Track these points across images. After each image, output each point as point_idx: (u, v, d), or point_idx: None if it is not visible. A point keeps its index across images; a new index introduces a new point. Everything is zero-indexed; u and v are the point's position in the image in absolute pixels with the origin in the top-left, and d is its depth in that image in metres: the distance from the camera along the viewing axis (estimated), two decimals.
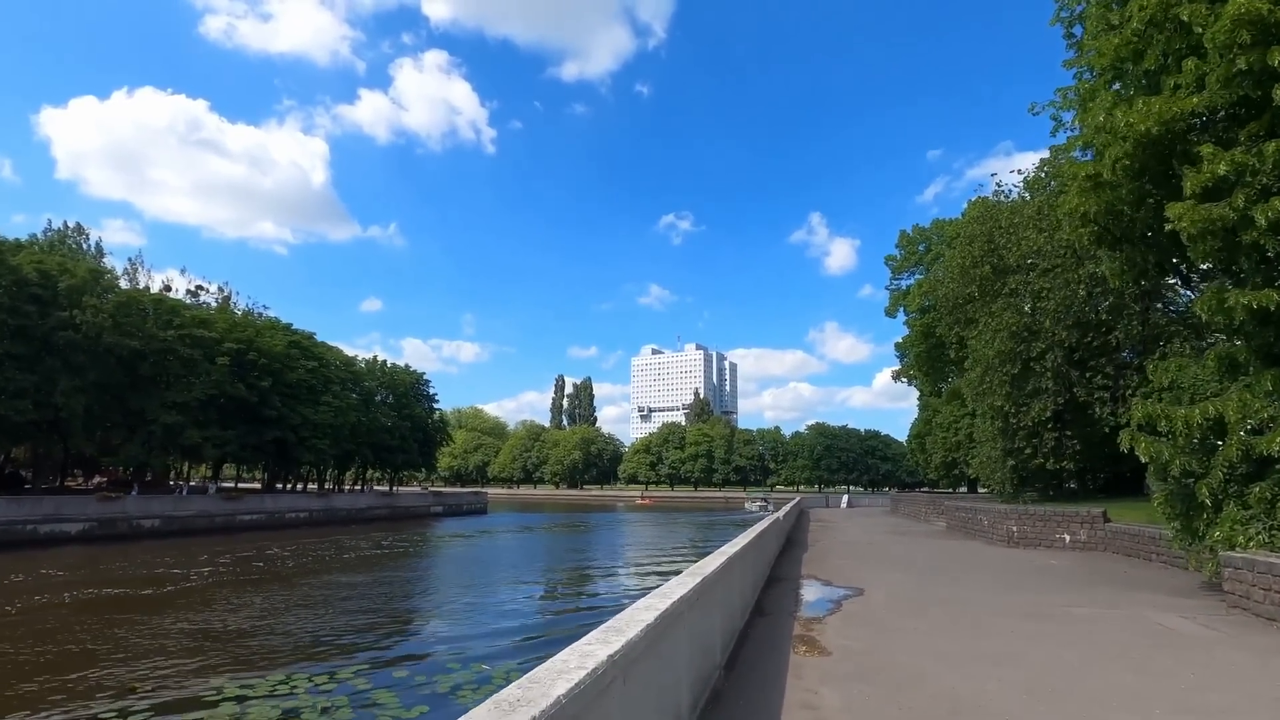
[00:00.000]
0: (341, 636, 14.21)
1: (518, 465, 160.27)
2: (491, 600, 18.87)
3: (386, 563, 28.43)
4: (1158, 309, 22.74)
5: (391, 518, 65.11)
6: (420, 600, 18.76)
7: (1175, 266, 15.74)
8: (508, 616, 15.75)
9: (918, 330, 41.04)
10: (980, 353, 27.11)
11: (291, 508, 54.98)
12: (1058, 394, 24.22)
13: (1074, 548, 19.61)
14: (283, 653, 12.44)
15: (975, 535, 25.31)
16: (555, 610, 15.59)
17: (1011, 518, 21.34)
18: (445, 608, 18.01)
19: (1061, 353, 24.10)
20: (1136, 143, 11.50)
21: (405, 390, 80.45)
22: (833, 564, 16.74)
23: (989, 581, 13.73)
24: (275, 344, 57.29)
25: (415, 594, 20.03)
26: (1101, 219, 14.23)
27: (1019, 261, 25.93)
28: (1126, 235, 14.70)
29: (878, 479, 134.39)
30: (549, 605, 16.58)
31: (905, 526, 34.31)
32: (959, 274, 29.62)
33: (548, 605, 16.66)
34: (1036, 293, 24.71)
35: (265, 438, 55.92)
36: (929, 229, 42.48)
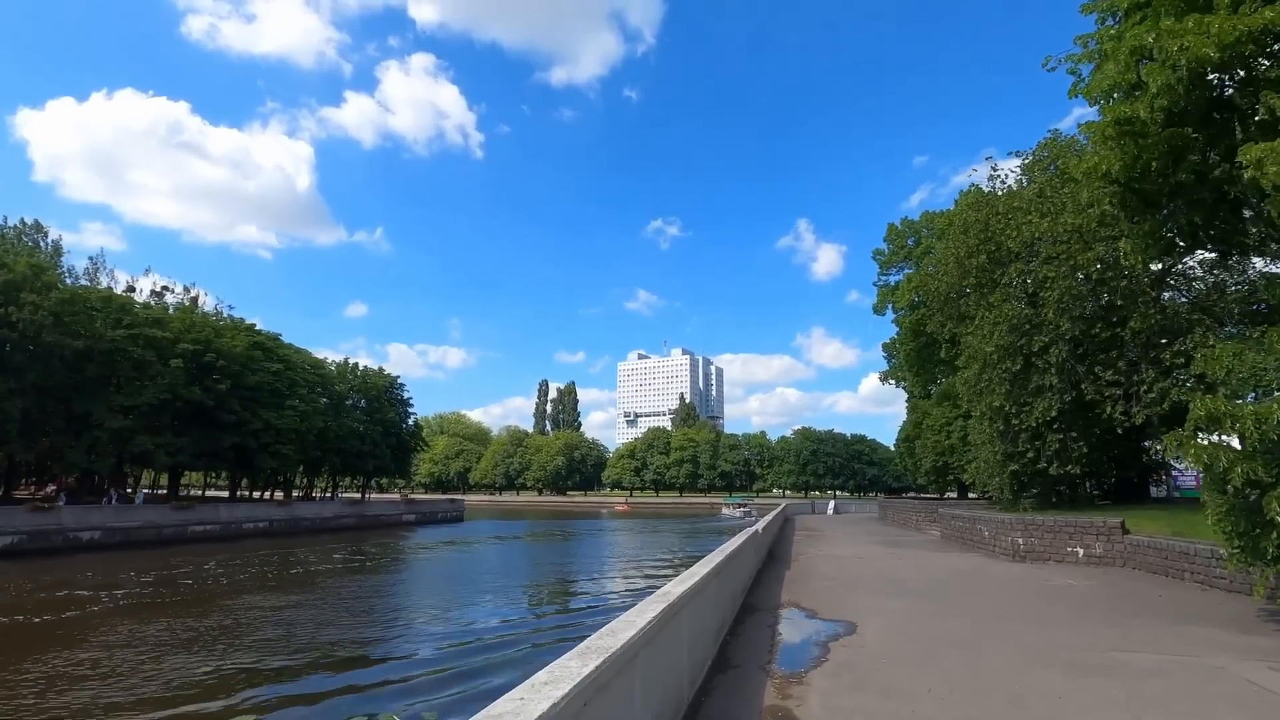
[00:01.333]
0: (227, 678, 11.72)
1: (500, 471, 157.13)
2: (424, 631, 16.39)
3: (331, 580, 25.81)
4: (1174, 296, 20.69)
5: (360, 527, 62.17)
6: (345, 630, 16.23)
7: (1214, 234, 13.51)
8: (418, 665, 13.27)
9: (907, 328, 38.99)
10: (977, 349, 25.00)
11: (250, 517, 51.95)
12: (1063, 392, 22.11)
13: (1089, 562, 17.46)
14: (125, 709, 9.92)
15: (975, 547, 23.14)
16: (469, 666, 13.08)
17: (1017, 528, 19.15)
18: (369, 639, 15.51)
19: (1066, 347, 22.00)
20: (1190, 72, 9.29)
21: (378, 394, 77.59)
22: (818, 586, 14.44)
23: (1006, 610, 11.46)
24: (236, 345, 54.39)
25: (343, 620, 17.49)
26: (1127, 175, 12.03)
27: (1019, 249, 23.85)
28: (1154, 199, 12.54)
29: (864, 484, 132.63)
30: (470, 651, 14.10)
31: (896, 536, 32.12)
32: (953, 265, 27.53)
33: (469, 650, 14.17)
34: (1039, 282, 22.63)
35: (223, 443, 53.02)
36: (918, 222, 40.47)
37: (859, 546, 25.77)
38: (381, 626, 16.86)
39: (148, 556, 33.49)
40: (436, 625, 17.03)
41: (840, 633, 9.55)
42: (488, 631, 15.94)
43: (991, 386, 24.02)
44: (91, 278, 65.93)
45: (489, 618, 17.85)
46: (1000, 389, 23.52)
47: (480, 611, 19.04)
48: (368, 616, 18.04)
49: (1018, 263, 23.92)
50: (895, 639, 9.13)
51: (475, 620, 17.56)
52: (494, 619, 17.60)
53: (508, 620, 17.63)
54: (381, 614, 18.56)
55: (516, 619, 17.94)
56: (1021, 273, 23.64)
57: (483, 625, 16.78)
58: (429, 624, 17.26)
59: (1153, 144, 11.27)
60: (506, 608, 19.82)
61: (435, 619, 17.92)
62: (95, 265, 71.54)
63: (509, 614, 18.75)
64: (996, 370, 23.87)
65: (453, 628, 16.64)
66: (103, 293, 50.53)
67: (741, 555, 12.43)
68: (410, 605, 20.36)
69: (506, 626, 16.70)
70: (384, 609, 19.50)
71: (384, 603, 20.63)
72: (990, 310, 24.57)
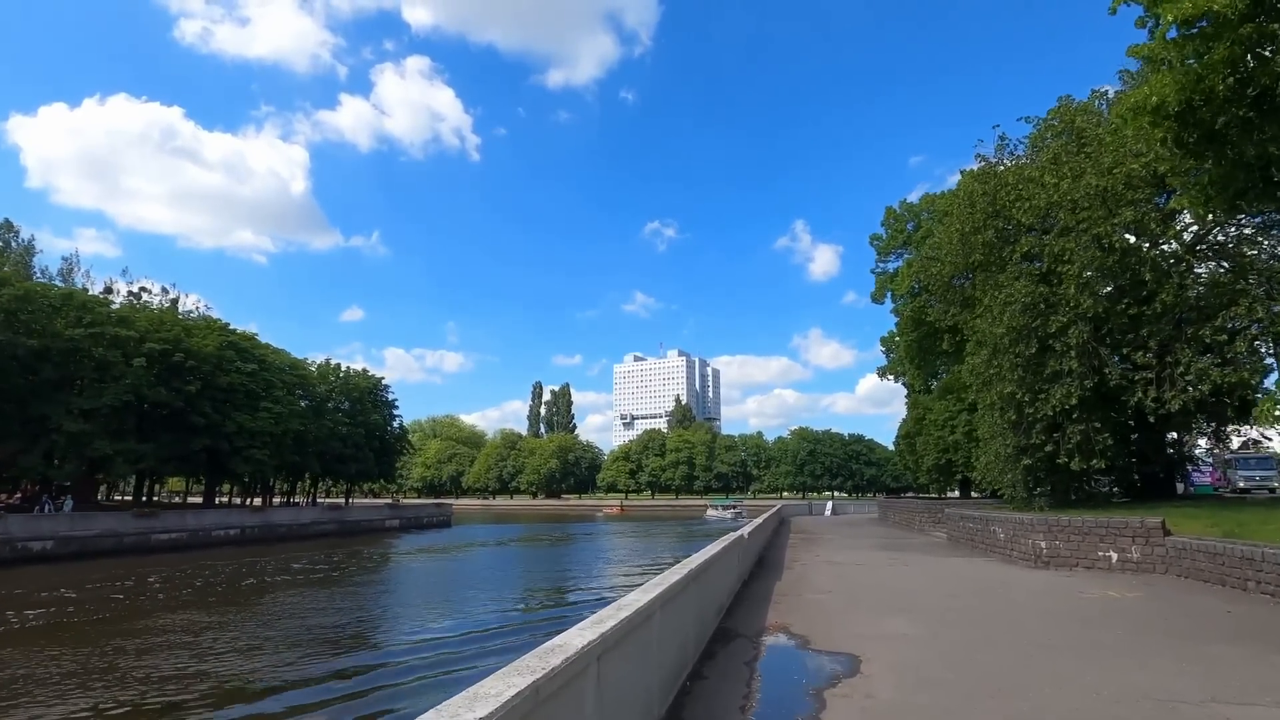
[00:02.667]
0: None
1: (493, 475, 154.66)
2: (346, 659, 14.01)
3: (281, 595, 23.41)
4: (1214, 268, 18.41)
5: (341, 534, 59.73)
6: (254, 659, 13.85)
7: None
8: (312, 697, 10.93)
9: (907, 317, 36.72)
10: (986, 333, 22.76)
11: (220, 524, 49.42)
12: (1083, 377, 19.85)
13: (1125, 569, 15.19)
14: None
15: (987, 551, 20.85)
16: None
17: (1039, 530, 16.85)
18: (280, 665, 13.13)
19: (1088, 327, 19.76)
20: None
21: (361, 396, 75.18)
22: (812, 602, 12.14)
23: (1047, 634, 9.16)
24: (207, 344, 51.98)
25: (266, 646, 15.11)
26: (1185, 101, 9.74)
27: (1032, 221, 21.61)
28: (1220, 134, 10.26)
29: (862, 484, 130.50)
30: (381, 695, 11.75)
31: (899, 539, 29.83)
32: (957, 242, 25.27)
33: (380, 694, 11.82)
34: (1055, 256, 20.37)
35: (193, 447, 50.57)
36: (918, 205, 38.16)
37: (859, 551, 23.48)
38: (303, 650, 14.46)
39: (100, 568, 31.13)
40: (364, 651, 14.65)
41: (840, 673, 7.23)
42: (406, 670, 13.54)
43: (1002, 373, 21.76)
44: (66, 278, 63.59)
45: (420, 649, 15.44)
46: (1012, 375, 21.25)
47: (426, 629, 16.67)
48: (295, 640, 15.65)
49: (1030, 236, 21.70)
50: (913, 682, 6.82)
51: (407, 643, 15.20)
52: (425, 650, 15.17)
53: (441, 647, 15.21)
54: (313, 636, 16.18)
55: (454, 643, 15.53)
56: (1035, 247, 21.40)
57: (411, 658, 14.39)
58: (355, 649, 14.88)
59: (1222, 57, 9.03)
60: (452, 628, 17.43)
61: (363, 643, 15.56)
62: (69, 265, 69.17)
63: (450, 633, 16.36)
64: (1008, 355, 21.62)
65: (380, 654, 14.28)
66: (62, 290, 48.12)
67: (716, 568, 10.15)
68: (350, 623, 17.95)
69: (432, 657, 14.29)
70: (322, 628, 17.11)
71: (324, 620, 18.23)
72: (999, 290, 22.33)
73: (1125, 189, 17.89)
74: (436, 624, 17.70)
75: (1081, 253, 19.19)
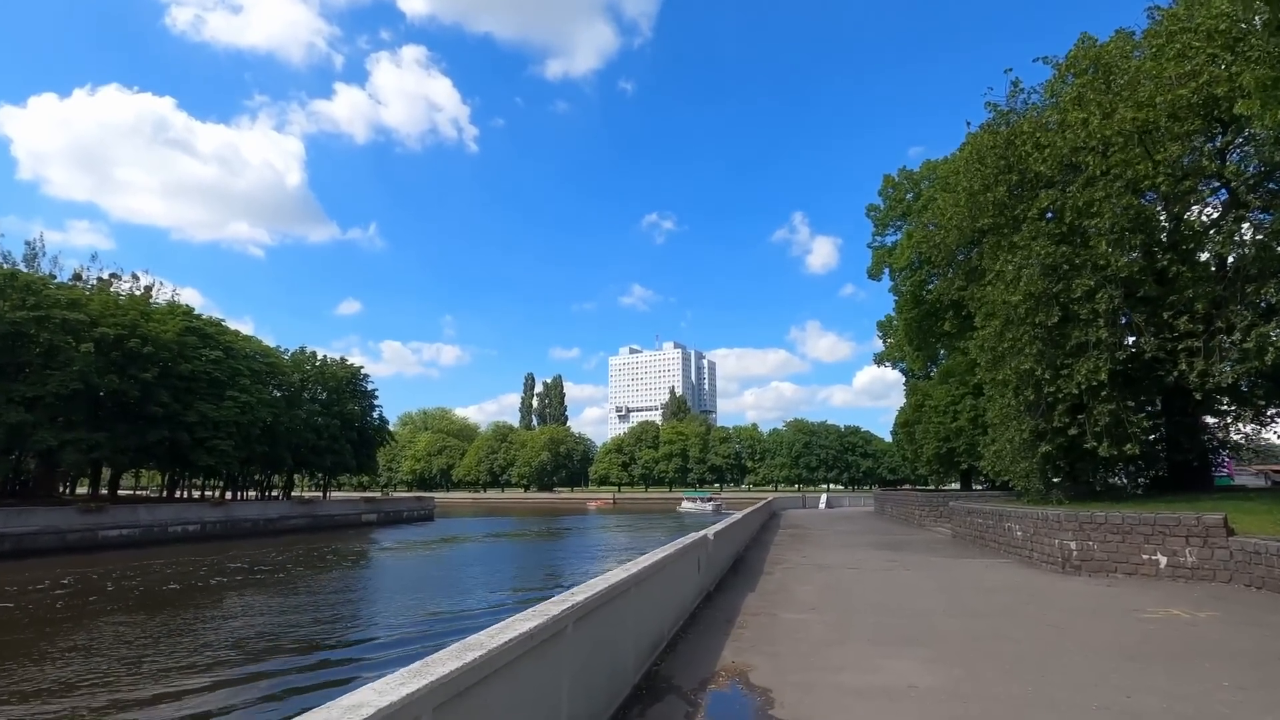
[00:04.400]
0: None
1: (484, 468, 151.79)
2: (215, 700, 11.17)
3: (200, 600, 20.61)
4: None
5: (312, 529, 56.93)
6: (80, 691, 10.99)
7: None
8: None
9: (907, 294, 33.88)
10: (998, 302, 19.92)
11: (178, 519, 46.54)
12: (1114, 348, 17.05)
13: (1177, 576, 12.41)
14: None
15: (1002, 551, 18.06)
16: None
17: (1067, 528, 14.03)
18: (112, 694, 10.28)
19: (1119, 290, 16.93)
20: None
21: (338, 386, 72.18)
22: (790, 626, 9.31)
23: (1125, 687, 6.30)
24: (166, 329, 48.95)
25: (121, 670, 12.26)
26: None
27: (1052, 172, 18.72)
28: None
29: (858, 477, 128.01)
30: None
31: (898, 535, 27.07)
32: (964, 203, 22.38)
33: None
34: (1081, 209, 17.50)
35: (150, 438, 47.60)
36: (918, 173, 35.14)
37: (853, 551, 20.69)
38: (150, 678, 11.60)
39: (26, 568, 28.37)
40: (240, 691, 11.78)
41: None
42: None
43: (1018, 347, 18.90)
44: (30, 264, 60.40)
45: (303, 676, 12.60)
46: (1030, 349, 18.39)
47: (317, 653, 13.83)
48: (164, 663, 12.79)
49: (1050, 191, 18.81)
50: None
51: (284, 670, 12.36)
52: (306, 677, 12.32)
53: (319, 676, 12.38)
54: (192, 655, 13.33)
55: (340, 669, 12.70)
56: (1056, 200, 18.51)
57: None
58: (225, 686, 12.01)
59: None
60: (361, 652, 14.59)
61: (244, 676, 12.71)
62: (33, 250, 65.95)
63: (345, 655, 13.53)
64: (1024, 326, 18.77)
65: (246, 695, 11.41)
66: (4, 270, 45.04)
67: (654, 585, 7.32)
68: (251, 637, 15.10)
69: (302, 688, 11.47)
70: (215, 645, 14.27)
71: (220, 637, 15.36)
72: (1013, 253, 19.49)
73: (1170, 121, 15.06)
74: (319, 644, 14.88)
75: (1114, 202, 16.31)
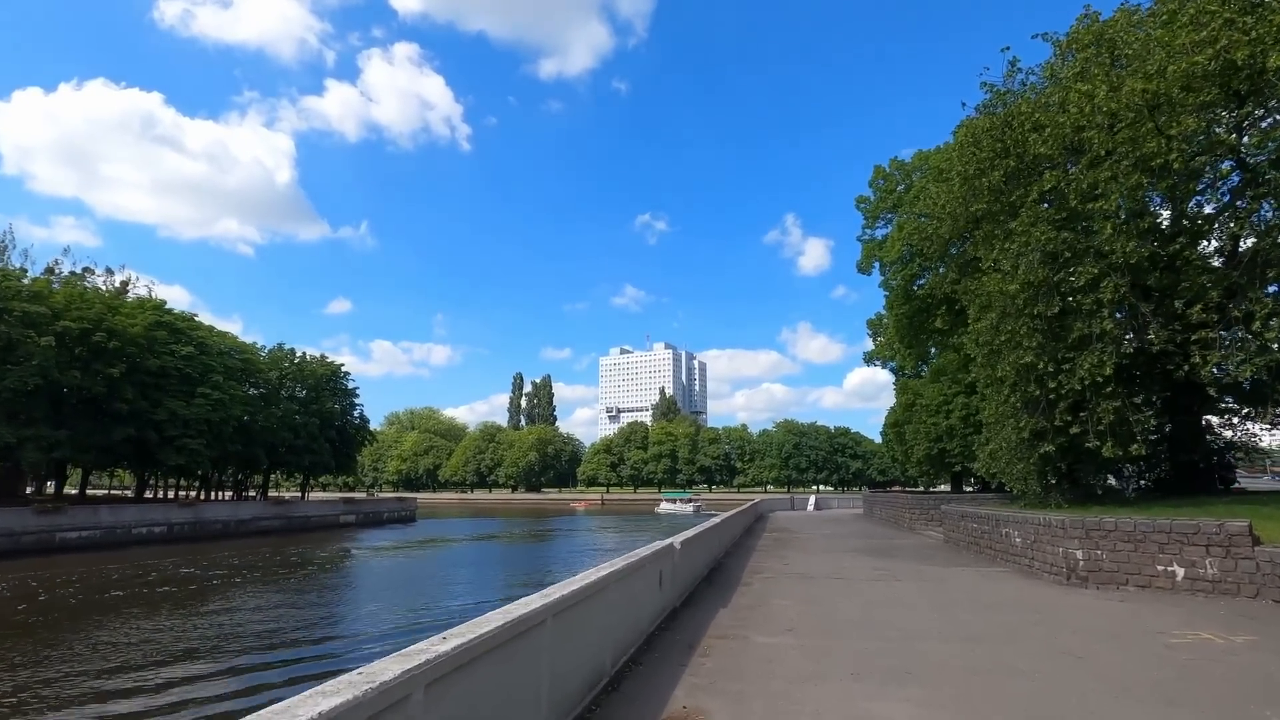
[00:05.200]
0: None
1: (471, 469, 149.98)
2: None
3: (141, 610, 19.04)
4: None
5: (286, 530, 55.19)
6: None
7: None
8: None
9: (898, 289, 32.63)
10: (995, 293, 18.69)
11: (143, 521, 44.73)
12: (1120, 341, 15.83)
13: (1196, 590, 11.15)
14: None
15: (998, 559, 16.78)
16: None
17: (1073, 535, 12.74)
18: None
19: (1125, 278, 15.71)
20: None
21: (317, 384, 70.42)
22: (762, 653, 7.94)
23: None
24: (134, 324, 47.12)
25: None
26: None
27: (1053, 152, 17.48)
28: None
29: (847, 478, 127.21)
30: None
31: (887, 540, 25.79)
32: (959, 189, 21.15)
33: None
34: (1084, 193, 16.28)
35: (115, 437, 45.76)
36: (910, 163, 33.92)
37: (840, 557, 19.37)
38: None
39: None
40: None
41: None
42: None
43: (1016, 340, 17.65)
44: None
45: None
46: (1029, 342, 17.14)
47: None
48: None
49: (1052, 171, 17.57)
50: None
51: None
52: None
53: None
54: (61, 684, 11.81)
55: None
56: (1058, 183, 17.27)
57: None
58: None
59: None
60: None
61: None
62: (2, 243, 63.91)
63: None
64: (1023, 318, 17.54)
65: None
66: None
67: (593, 610, 5.94)
68: (150, 671, 13.57)
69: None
70: (98, 673, 12.74)
71: (116, 662, 13.82)
72: (1011, 241, 18.25)
73: (1183, 93, 13.83)
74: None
75: (1120, 182, 15.06)
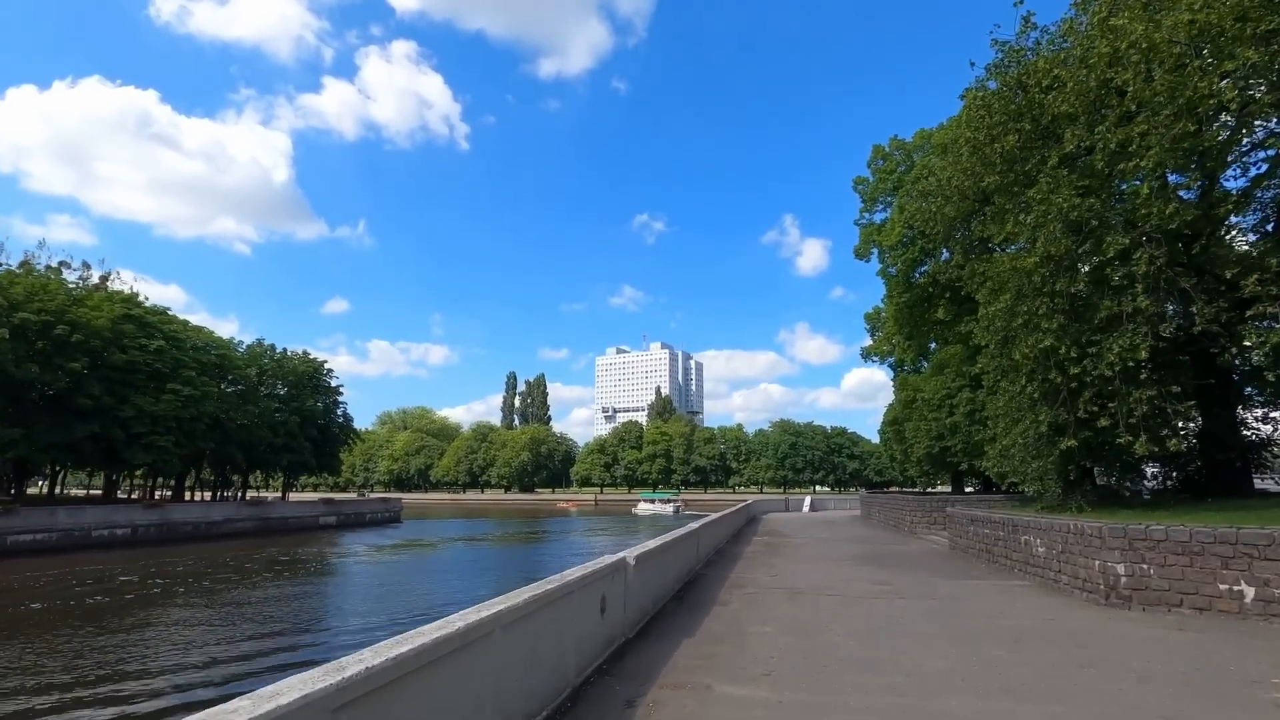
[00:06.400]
0: None
1: (463, 469, 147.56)
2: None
3: (29, 630, 16.88)
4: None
5: (261, 532, 52.94)
6: None
7: None
8: None
9: (898, 275, 30.54)
10: (1010, 269, 16.61)
11: (104, 523, 42.45)
12: (1156, 320, 13.76)
13: (1271, 614, 9.07)
14: None
15: (1016, 570, 14.67)
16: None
17: (1113, 546, 10.64)
18: None
19: (1162, 249, 13.64)
20: None
21: (299, 380, 68.18)
22: (724, 711, 5.84)
23: None
24: (99, 316, 44.92)
25: None
26: None
27: (1077, 109, 15.40)
28: None
29: (844, 478, 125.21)
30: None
31: (888, 546, 23.68)
32: (968, 159, 19.05)
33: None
34: (1114, 151, 14.21)
35: (77, 434, 43.51)
36: (911, 142, 31.81)
37: (835, 567, 17.25)
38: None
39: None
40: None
41: None
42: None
43: (1034, 321, 15.55)
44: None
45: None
46: (1050, 323, 15.02)
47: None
48: None
49: (1075, 129, 15.48)
50: None
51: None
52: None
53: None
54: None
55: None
56: (1082, 142, 15.20)
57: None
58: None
59: None
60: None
61: None
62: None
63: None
64: (1042, 297, 15.44)
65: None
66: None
67: (473, 665, 3.86)
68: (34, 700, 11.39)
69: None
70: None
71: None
72: (1029, 211, 16.15)
73: (1236, 24, 11.77)
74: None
75: (1162, 131, 12.96)
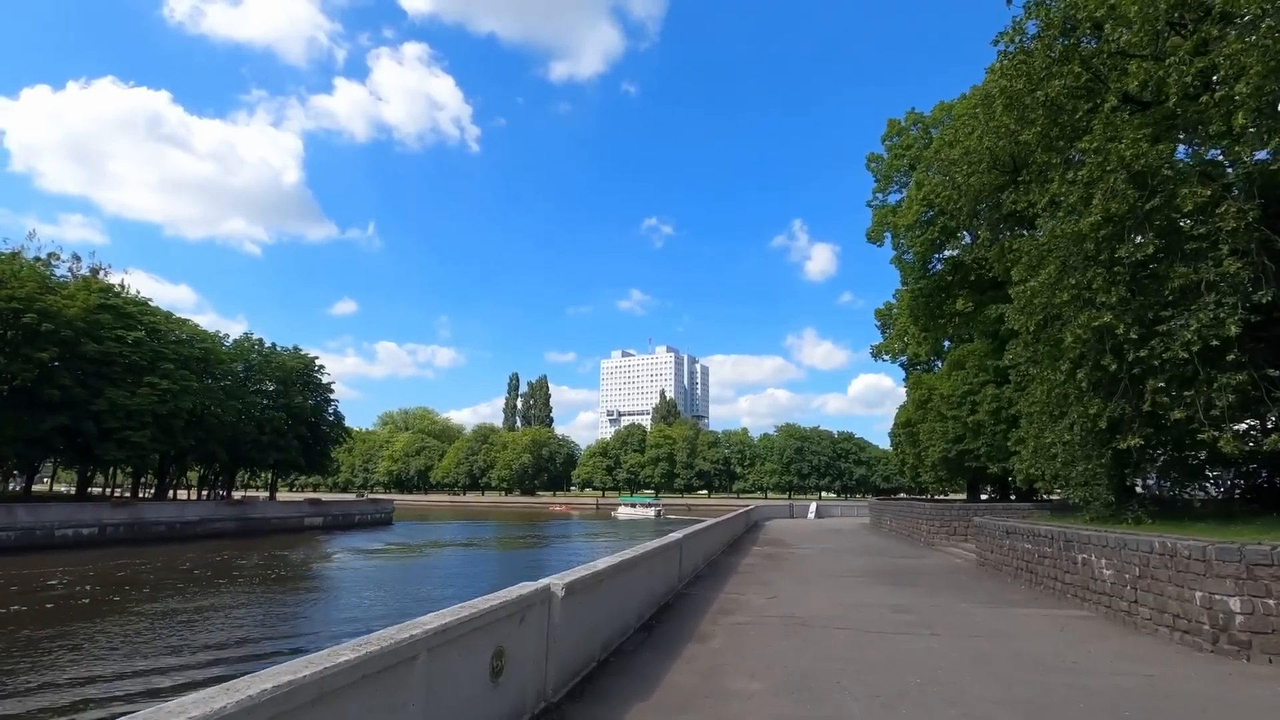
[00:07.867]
0: None
1: (463, 470, 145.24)
2: None
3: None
4: None
5: (241, 534, 50.52)
6: None
7: None
8: None
9: (916, 259, 27.85)
10: (1055, 236, 14.02)
11: (69, 521, 40.08)
12: (1245, 291, 11.15)
13: None
14: None
15: (1068, 596, 11.99)
16: None
17: (1223, 572, 7.92)
18: None
19: (1255, 204, 11.05)
20: None
21: (288, 377, 65.92)
22: None
23: None
24: (72, 305, 42.77)
25: None
26: None
27: (1140, 39, 12.83)
28: None
29: (851, 484, 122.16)
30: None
31: (904, 560, 21.00)
32: (1002, 114, 16.45)
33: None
34: (1189, 84, 11.62)
35: (45, 427, 41.24)
36: (930, 116, 28.94)
37: (845, 585, 14.62)
38: None
39: None
40: None
41: None
42: None
43: (1088, 295, 12.91)
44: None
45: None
46: (1108, 296, 12.40)
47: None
48: None
49: (1140, 64, 12.89)
50: None
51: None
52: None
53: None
54: None
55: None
56: (1148, 78, 12.60)
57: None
58: None
59: None
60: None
61: None
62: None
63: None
64: (1097, 266, 12.82)
65: None
66: None
67: None
68: None
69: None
70: None
71: None
72: (1080, 168, 13.53)
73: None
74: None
75: (1260, 61, 10.37)
